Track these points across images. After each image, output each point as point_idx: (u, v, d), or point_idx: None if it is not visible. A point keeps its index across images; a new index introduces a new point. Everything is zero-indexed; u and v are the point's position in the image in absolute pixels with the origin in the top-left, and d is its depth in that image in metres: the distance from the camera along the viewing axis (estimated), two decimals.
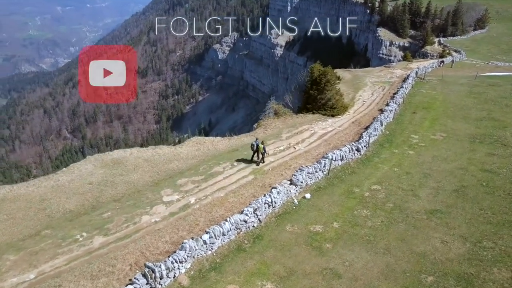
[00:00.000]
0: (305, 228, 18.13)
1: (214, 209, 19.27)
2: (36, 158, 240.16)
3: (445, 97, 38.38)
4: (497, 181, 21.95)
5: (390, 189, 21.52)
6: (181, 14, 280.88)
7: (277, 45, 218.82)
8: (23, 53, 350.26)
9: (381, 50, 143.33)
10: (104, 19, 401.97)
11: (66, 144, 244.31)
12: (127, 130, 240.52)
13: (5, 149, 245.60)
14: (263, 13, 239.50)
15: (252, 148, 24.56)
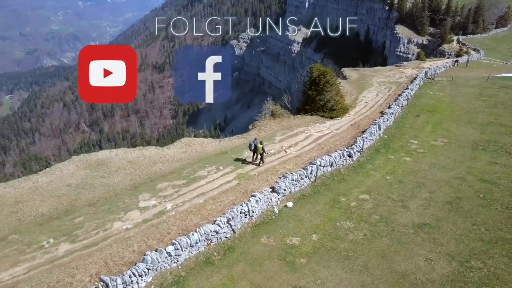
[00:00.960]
0: (281, 241, 17.12)
1: (189, 217, 18.43)
2: (55, 150, 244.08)
3: (452, 100, 36.64)
4: (496, 193, 20.49)
5: (378, 199, 20.29)
6: (199, 10, 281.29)
7: (294, 41, 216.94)
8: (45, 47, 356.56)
9: (399, 48, 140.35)
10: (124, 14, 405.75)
11: (84, 138, 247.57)
12: (143, 124, 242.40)
13: (25, 141, 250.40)
14: (281, 10, 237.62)
15: (250, 148, 23.91)
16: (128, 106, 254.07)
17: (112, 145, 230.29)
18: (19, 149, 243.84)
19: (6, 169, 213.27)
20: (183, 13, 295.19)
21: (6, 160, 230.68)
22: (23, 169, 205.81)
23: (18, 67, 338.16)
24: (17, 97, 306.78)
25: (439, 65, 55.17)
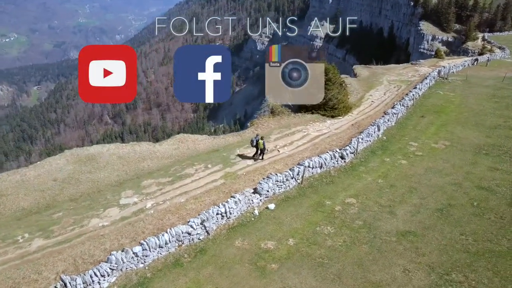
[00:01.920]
0: (256, 244, 16.61)
1: (167, 216, 18.12)
2: (78, 141, 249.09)
3: (462, 100, 35.18)
4: (492, 201, 19.41)
5: (365, 204, 19.51)
6: (222, 5, 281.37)
7: (316, 37, 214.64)
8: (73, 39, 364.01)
9: (423, 45, 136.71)
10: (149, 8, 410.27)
11: (107, 129, 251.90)
12: (165, 118, 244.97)
13: (51, 132, 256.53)
14: (304, 5, 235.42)
15: (251, 144, 23.57)
16: (151, 99, 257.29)
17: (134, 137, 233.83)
18: (45, 139, 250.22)
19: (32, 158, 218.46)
20: (207, 7, 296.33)
21: (32, 150, 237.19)
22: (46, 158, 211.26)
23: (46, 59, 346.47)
24: (45, 88, 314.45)
25: (456, 64, 53.23)
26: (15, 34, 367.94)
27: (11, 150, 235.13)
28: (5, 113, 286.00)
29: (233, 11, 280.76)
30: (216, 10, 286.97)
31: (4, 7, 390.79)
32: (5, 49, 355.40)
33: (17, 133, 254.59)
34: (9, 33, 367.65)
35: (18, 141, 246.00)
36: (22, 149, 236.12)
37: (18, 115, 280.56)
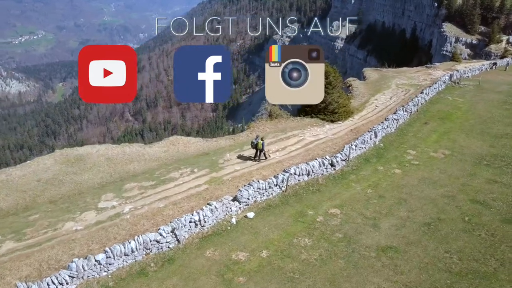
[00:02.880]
0: (227, 255, 16.01)
1: (142, 222, 17.73)
2: (100, 137, 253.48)
3: (470, 107, 33.68)
4: (485, 216, 18.29)
5: (349, 215, 18.66)
6: (244, 4, 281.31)
7: (337, 37, 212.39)
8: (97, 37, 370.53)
9: (445, 47, 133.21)
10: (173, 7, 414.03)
11: (128, 126, 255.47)
12: (185, 116, 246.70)
13: (74, 127, 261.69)
14: (326, 5, 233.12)
15: (252, 145, 23.42)
16: (171, 97, 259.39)
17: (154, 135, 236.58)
18: (68, 134, 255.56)
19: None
20: (229, 6, 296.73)
21: (55, 145, 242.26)
22: None
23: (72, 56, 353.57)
24: (69, 84, 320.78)
25: (473, 68, 51.27)
26: (42, 31, 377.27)
27: (35, 144, 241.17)
28: (31, 109, 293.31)
29: (255, 10, 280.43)
30: (238, 10, 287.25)
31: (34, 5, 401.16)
32: (33, 46, 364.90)
33: (41, 128, 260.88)
34: (37, 31, 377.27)
35: (42, 136, 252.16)
36: (46, 144, 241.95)
37: (43, 110, 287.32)
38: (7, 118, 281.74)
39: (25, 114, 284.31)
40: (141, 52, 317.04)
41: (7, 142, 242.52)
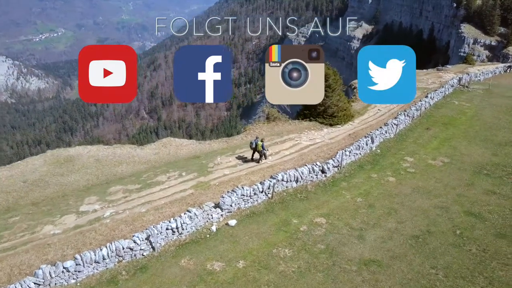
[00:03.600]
0: (202, 264, 15.50)
1: (121, 227, 17.37)
2: (115, 134, 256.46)
3: (476, 112, 32.45)
4: (478, 230, 17.37)
5: (335, 225, 17.95)
6: (261, 3, 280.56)
7: (354, 37, 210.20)
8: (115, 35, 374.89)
9: (463, 48, 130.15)
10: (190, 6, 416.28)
11: (143, 124, 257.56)
12: (199, 115, 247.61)
13: (90, 124, 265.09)
14: (343, 4, 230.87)
15: (250, 146, 23.22)
16: None
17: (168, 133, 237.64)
18: (84, 131, 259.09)
19: None
20: (246, 6, 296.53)
21: (72, 141, 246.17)
22: None
23: None
24: None
25: (486, 71, 49.68)
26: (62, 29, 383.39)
27: (53, 140, 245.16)
28: (49, 105, 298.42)
29: (271, 10, 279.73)
30: (254, 9, 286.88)
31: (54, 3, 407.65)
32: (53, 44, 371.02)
33: (59, 124, 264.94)
34: (57, 29, 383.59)
35: (59, 132, 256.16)
36: (63, 140, 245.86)
37: (61, 107, 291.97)
38: (26, 114, 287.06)
39: (44, 110, 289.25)
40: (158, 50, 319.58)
41: (25, 137, 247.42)
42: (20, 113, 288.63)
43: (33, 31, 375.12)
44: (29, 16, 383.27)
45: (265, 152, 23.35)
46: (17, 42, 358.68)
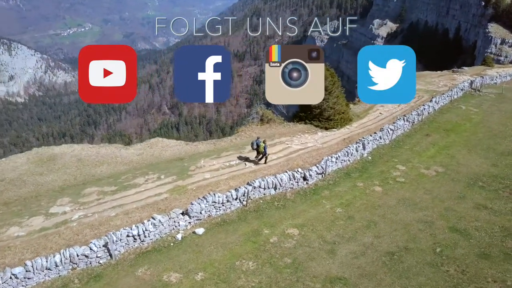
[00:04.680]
0: (158, 275, 14.85)
1: (85, 232, 16.94)
2: (137, 129, 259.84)
3: (483, 118, 30.68)
4: (461, 248, 16.13)
5: (307, 238, 17.02)
6: (284, 1, 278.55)
7: (378, 36, 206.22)
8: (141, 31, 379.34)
9: (490, 49, 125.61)
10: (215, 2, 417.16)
11: (164, 119, 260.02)
12: (220, 111, 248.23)
13: (113, 118, 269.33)
14: (367, 2, 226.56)
15: (252, 147, 22.81)
16: None
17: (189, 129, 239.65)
18: (107, 124, 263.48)
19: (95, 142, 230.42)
20: (269, 3, 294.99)
21: (95, 134, 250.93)
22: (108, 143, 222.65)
23: None
24: None
25: (504, 73, 47.30)
26: (89, 24, 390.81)
27: (77, 133, 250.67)
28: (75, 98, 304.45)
29: (294, 7, 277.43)
30: (278, 6, 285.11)
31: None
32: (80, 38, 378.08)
33: (83, 118, 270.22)
34: (84, 23, 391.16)
35: (83, 125, 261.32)
36: (86, 133, 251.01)
37: None
38: (53, 107, 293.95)
39: (69, 104, 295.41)
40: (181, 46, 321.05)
41: (51, 129, 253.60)
42: (47, 106, 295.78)
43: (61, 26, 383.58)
44: (58, 11, 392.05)
45: (266, 153, 22.83)
46: (46, 36, 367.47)
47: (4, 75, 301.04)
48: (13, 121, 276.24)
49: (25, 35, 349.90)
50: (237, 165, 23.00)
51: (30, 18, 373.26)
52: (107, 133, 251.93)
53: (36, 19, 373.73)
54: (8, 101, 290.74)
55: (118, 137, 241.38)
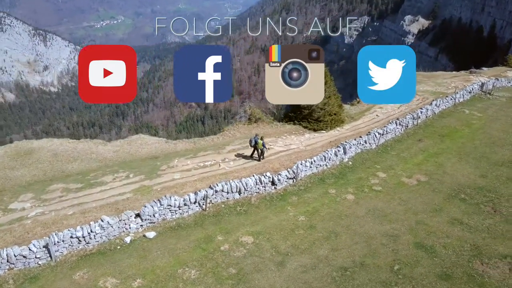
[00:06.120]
0: (95, 280, 14.41)
1: (36, 230, 16.72)
2: (164, 121, 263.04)
3: (485, 124, 28.70)
4: (421, 267, 14.95)
5: (260, 247, 16.20)
6: None
7: (409, 32, 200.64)
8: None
9: None
10: None
11: (190, 112, 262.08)
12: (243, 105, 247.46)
13: (141, 110, 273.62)
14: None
15: (250, 144, 22.51)
16: (233, 86, 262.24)
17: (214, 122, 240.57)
18: (135, 116, 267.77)
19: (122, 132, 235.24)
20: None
21: (123, 125, 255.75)
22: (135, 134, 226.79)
23: (147, 42, 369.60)
24: (142, 68, 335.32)
25: None
26: (122, 16, 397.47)
27: (105, 123, 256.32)
28: None
29: (324, 2, 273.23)
30: (308, 1, 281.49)
31: None
32: (113, 31, 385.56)
33: (112, 109, 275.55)
34: (117, 16, 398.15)
35: (112, 115, 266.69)
36: (115, 124, 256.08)
37: None
38: None
39: None
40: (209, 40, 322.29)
41: (81, 119, 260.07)
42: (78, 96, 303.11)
43: (95, 18, 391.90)
44: (93, 3, 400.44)
45: (264, 150, 22.62)
46: (80, 28, 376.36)
47: (39, 65, 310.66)
48: (46, 110, 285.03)
49: (60, 27, 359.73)
50: (211, 166, 22.34)
51: (66, 10, 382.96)
52: (135, 124, 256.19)
53: (72, 11, 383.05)
54: (42, 90, 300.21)
55: (145, 128, 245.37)
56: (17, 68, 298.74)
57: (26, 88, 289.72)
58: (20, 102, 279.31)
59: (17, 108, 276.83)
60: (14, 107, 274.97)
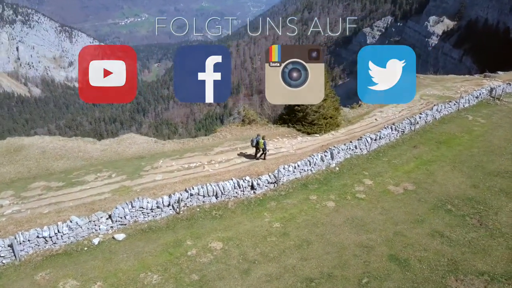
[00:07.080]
0: (55, 281, 14.32)
1: (9, 228, 16.84)
2: (183, 118, 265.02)
3: (487, 131, 27.48)
4: (392, 281, 14.32)
5: (227, 253, 15.85)
6: None
7: (433, 33, 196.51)
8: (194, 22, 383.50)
9: None
10: None
11: (210, 110, 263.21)
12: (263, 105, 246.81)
13: (161, 107, 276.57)
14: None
15: (252, 143, 22.57)
16: (253, 86, 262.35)
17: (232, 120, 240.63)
18: (155, 113, 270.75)
19: (143, 129, 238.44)
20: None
21: (143, 121, 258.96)
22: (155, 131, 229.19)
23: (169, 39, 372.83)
24: (164, 66, 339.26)
25: None
26: (146, 14, 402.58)
27: (126, 119, 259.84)
28: None
29: (347, 1, 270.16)
30: (330, 0, 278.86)
31: None
32: (136, 28, 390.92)
33: (133, 105, 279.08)
34: (141, 14, 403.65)
35: (133, 112, 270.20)
36: (135, 120, 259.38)
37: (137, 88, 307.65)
38: None
39: None
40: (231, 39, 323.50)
41: (103, 115, 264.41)
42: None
43: (119, 15, 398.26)
44: (118, 1, 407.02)
45: (265, 150, 22.64)
46: (105, 25, 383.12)
47: (64, 61, 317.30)
48: (70, 105, 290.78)
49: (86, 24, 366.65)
50: (195, 168, 22.11)
51: (91, 7, 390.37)
52: (155, 121, 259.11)
53: (97, 8, 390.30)
54: (67, 85, 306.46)
55: (165, 125, 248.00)
56: (43, 64, 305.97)
57: (51, 83, 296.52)
58: (45, 97, 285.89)
59: (42, 102, 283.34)
60: (39, 102, 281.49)
